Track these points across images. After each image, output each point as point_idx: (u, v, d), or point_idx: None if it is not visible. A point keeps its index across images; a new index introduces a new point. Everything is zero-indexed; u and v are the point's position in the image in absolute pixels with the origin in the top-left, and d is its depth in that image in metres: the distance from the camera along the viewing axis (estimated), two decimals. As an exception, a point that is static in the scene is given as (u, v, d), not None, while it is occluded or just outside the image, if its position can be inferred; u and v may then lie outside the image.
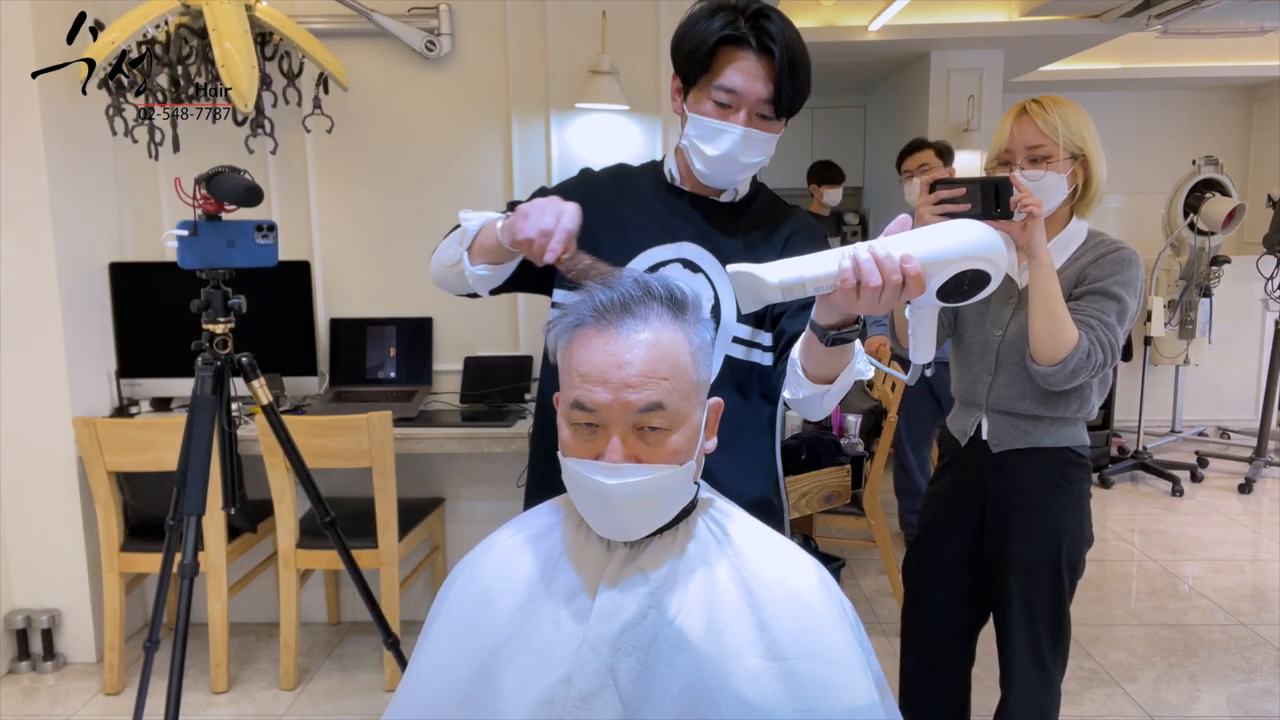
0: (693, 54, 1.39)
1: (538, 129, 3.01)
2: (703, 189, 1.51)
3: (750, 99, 1.37)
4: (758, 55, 1.35)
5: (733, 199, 1.53)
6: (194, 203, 2.00)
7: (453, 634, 1.06)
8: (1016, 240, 1.69)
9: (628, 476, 0.95)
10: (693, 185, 1.52)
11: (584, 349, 0.97)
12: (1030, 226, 1.66)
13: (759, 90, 1.36)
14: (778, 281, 1.07)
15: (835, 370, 1.24)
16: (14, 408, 2.76)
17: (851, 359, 1.24)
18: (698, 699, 0.95)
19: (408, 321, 3.04)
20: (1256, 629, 3.11)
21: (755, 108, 1.38)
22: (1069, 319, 1.68)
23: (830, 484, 3.00)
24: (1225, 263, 5.01)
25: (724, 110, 1.38)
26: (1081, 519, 1.84)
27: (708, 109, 1.40)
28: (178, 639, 1.98)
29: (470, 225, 1.44)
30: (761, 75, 1.36)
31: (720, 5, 1.38)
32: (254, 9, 2.60)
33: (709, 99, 1.39)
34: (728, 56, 1.37)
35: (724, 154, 1.41)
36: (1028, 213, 1.64)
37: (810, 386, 1.27)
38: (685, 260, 1.47)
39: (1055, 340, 1.66)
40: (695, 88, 1.41)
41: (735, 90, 1.37)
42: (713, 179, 1.47)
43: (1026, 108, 1.76)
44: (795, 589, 1.00)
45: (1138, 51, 5.70)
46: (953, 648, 2.02)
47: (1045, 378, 1.70)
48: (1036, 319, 1.68)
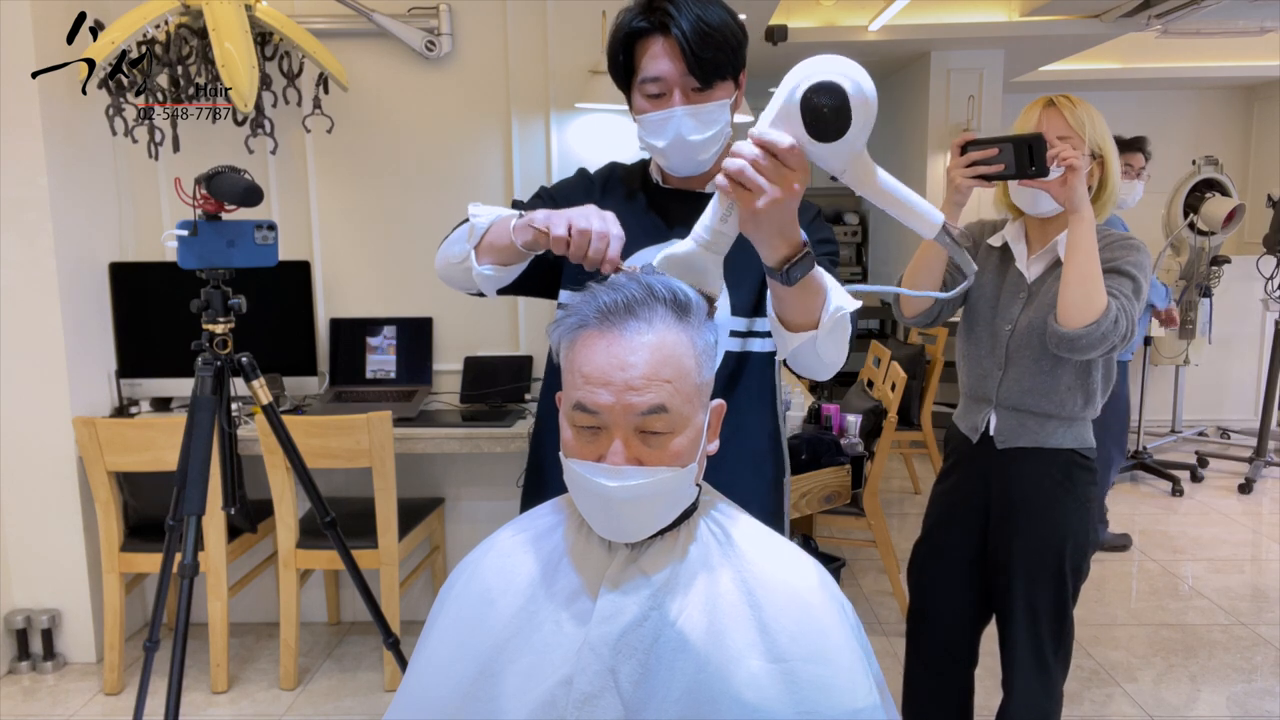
0: (614, 60, 1.43)
1: (538, 129, 3.01)
2: (687, 184, 1.51)
3: (674, 80, 1.38)
4: (665, 37, 1.37)
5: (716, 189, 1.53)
6: (194, 203, 2.00)
7: (454, 634, 1.06)
8: (1056, 197, 1.67)
9: (629, 479, 0.95)
10: (676, 182, 1.52)
11: (587, 350, 0.97)
12: (1071, 180, 1.63)
13: (678, 69, 1.37)
14: (694, 242, 1.05)
15: (813, 311, 1.18)
16: (14, 408, 2.76)
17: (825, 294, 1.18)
18: (699, 701, 0.95)
19: (408, 321, 3.04)
20: (1256, 629, 3.11)
21: (684, 85, 1.38)
22: (1102, 281, 1.65)
23: (830, 484, 3.00)
24: (1225, 263, 5.00)
25: (657, 100, 1.40)
26: (1085, 522, 1.84)
27: (644, 105, 1.42)
28: (178, 639, 1.97)
29: (479, 222, 1.39)
30: (675, 54, 1.37)
31: (627, 7, 1.41)
32: (254, 9, 2.60)
33: (642, 96, 1.42)
34: (642, 49, 1.39)
35: (672, 140, 1.41)
36: (1067, 166, 1.62)
37: (795, 337, 1.22)
38: None
39: (1089, 300, 1.63)
40: (631, 92, 1.44)
41: (658, 77, 1.38)
42: (679, 168, 1.47)
43: (1054, 101, 1.75)
44: (796, 591, 1.00)
45: (1138, 51, 5.70)
46: (956, 649, 2.02)
47: (1073, 341, 1.65)
48: (1072, 278, 1.64)
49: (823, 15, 4.89)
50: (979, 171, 1.67)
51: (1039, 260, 1.83)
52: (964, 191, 1.71)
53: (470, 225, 1.41)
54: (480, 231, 1.39)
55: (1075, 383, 1.78)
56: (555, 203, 1.52)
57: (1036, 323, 1.77)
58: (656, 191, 1.53)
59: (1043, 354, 1.78)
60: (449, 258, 1.46)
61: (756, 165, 0.97)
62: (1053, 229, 1.81)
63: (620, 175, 1.59)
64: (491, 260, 1.38)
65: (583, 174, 1.62)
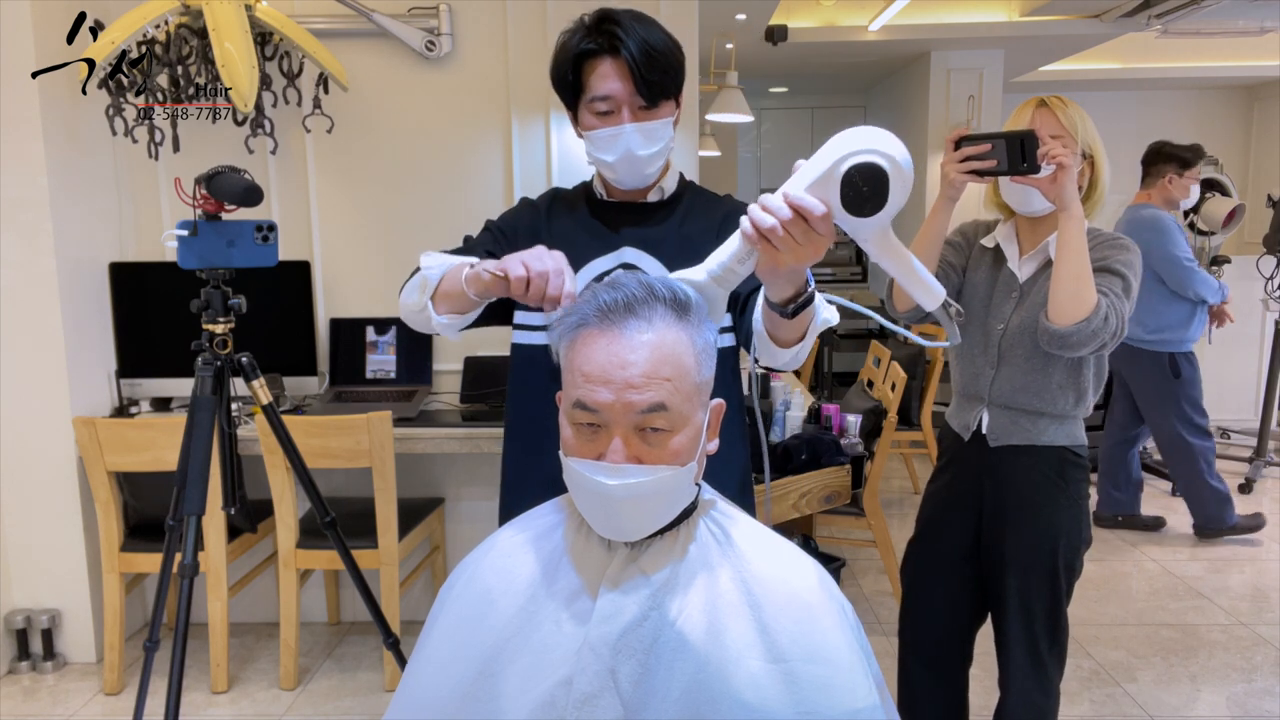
0: (562, 79, 1.50)
1: (538, 129, 3.01)
2: (630, 195, 1.58)
3: (623, 98, 1.45)
4: (613, 58, 1.44)
5: (660, 198, 1.59)
6: (194, 203, 2.00)
7: (454, 634, 1.06)
8: (1046, 194, 1.68)
9: (629, 477, 0.95)
10: (619, 195, 1.59)
11: (587, 349, 0.97)
12: (1060, 178, 1.64)
13: (627, 88, 1.44)
14: (706, 275, 1.08)
15: (802, 330, 1.25)
16: (14, 408, 2.76)
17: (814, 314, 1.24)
18: (698, 701, 0.95)
19: (408, 321, 3.04)
20: (1256, 629, 3.11)
21: (632, 104, 1.45)
22: (1092, 279, 1.66)
23: (830, 484, 2.99)
24: (1225, 263, 5.00)
25: (606, 117, 1.47)
26: (1079, 520, 1.84)
27: (593, 123, 1.49)
28: (178, 639, 1.97)
29: (431, 274, 1.44)
30: (624, 75, 1.44)
31: (573, 28, 1.48)
32: (254, 9, 2.60)
33: (591, 113, 1.48)
34: (590, 69, 1.46)
35: (622, 156, 1.48)
36: (1057, 164, 1.63)
37: (783, 352, 1.30)
38: (626, 264, 1.52)
39: (1079, 298, 1.64)
40: (579, 110, 1.51)
41: (608, 95, 1.45)
42: (627, 181, 1.54)
43: (1046, 101, 1.76)
44: (796, 591, 1.00)
45: (1138, 51, 5.71)
46: (951, 648, 2.02)
47: (1064, 338, 1.66)
48: (1062, 275, 1.65)
49: (823, 15, 4.89)
50: (972, 167, 1.68)
51: (1030, 261, 1.84)
52: (957, 186, 1.72)
53: (423, 277, 1.45)
54: (433, 284, 1.43)
55: (1067, 381, 1.79)
56: (503, 235, 1.61)
57: (1028, 322, 1.78)
58: (600, 205, 1.61)
59: (1034, 353, 1.79)
60: (408, 305, 1.50)
61: (786, 226, 0.98)
62: (1044, 230, 1.82)
63: (563, 196, 1.67)
64: (448, 309, 1.43)
65: (525, 201, 1.69)
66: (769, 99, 7.36)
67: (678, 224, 1.56)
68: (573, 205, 1.63)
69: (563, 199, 1.66)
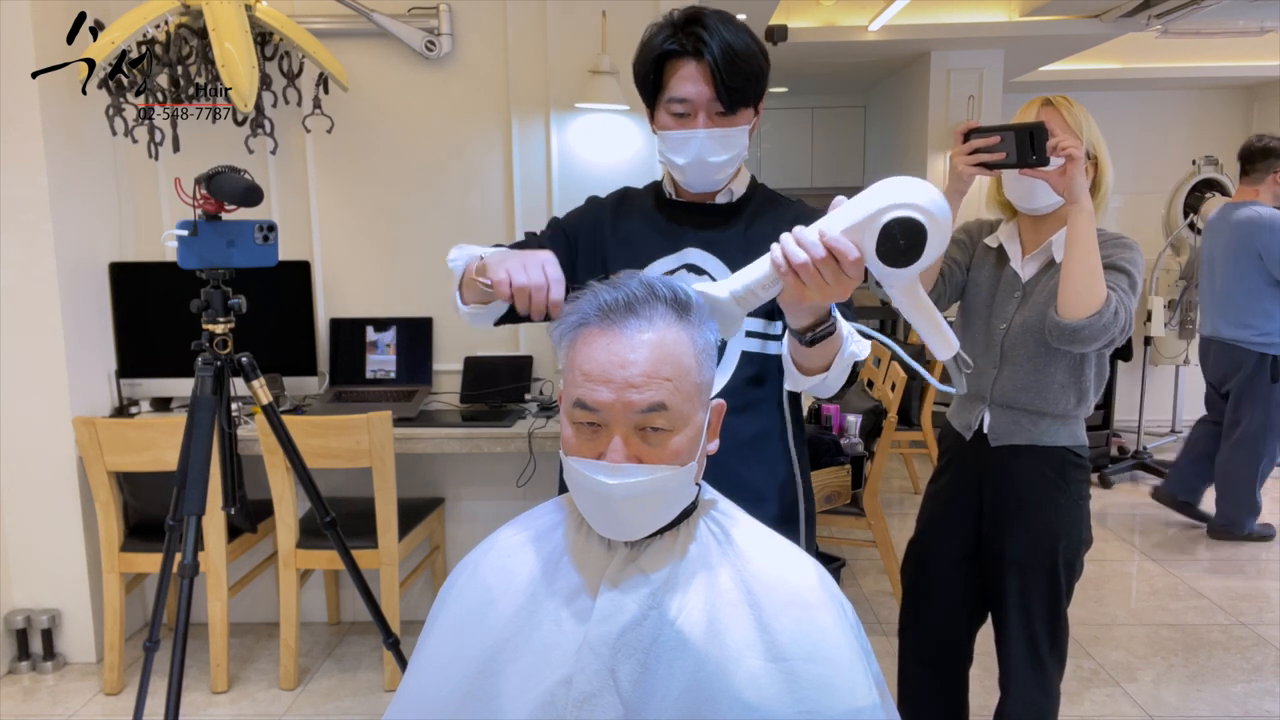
0: (644, 77, 1.49)
1: (538, 129, 3.01)
2: (699, 196, 1.56)
3: (701, 103, 1.44)
4: (697, 61, 1.43)
5: (729, 199, 1.57)
6: (194, 203, 2.00)
7: (454, 634, 1.06)
8: (1055, 187, 1.67)
9: (629, 476, 0.95)
10: (689, 195, 1.57)
11: (587, 348, 0.98)
12: (1070, 171, 1.63)
13: (706, 93, 1.43)
14: (729, 294, 1.08)
15: (827, 359, 1.26)
16: (14, 408, 2.76)
17: (841, 345, 1.25)
18: (698, 700, 0.95)
19: (408, 321, 3.04)
20: (1256, 629, 3.11)
21: (709, 109, 1.45)
22: (1102, 273, 1.65)
23: (830, 484, 3.00)
24: (1225, 262, 5.00)
25: (682, 120, 1.46)
26: (1079, 520, 1.84)
27: (669, 123, 1.48)
28: (178, 639, 1.97)
29: (454, 266, 1.45)
30: (705, 78, 1.43)
31: (659, 25, 1.47)
32: (254, 9, 2.60)
33: (667, 114, 1.47)
34: (672, 69, 1.45)
35: (693, 160, 1.47)
36: (1066, 156, 1.62)
37: (806, 380, 1.30)
38: (690, 265, 1.52)
39: (1090, 292, 1.63)
40: (656, 108, 1.50)
41: (685, 99, 1.44)
42: (695, 185, 1.53)
43: (1051, 100, 1.75)
44: (796, 590, 1.00)
45: (1138, 51, 5.70)
46: (951, 648, 2.02)
47: (1074, 333, 1.65)
48: (1073, 270, 1.64)
49: (823, 15, 4.89)
50: (981, 159, 1.68)
51: (1033, 260, 1.83)
52: (965, 179, 1.72)
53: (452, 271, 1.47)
54: (457, 275, 1.44)
55: (1068, 381, 1.79)
56: (565, 236, 1.60)
57: (1031, 321, 1.78)
58: (668, 204, 1.59)
59: (1037, 352, 1.79)
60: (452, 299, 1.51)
61: (818, 264, 0.99)
62: (1046, 229, 1.81)
63: (632, 195, 1.66)
64: (475, 299, 1.42)
65: (592, 200, 1.68)
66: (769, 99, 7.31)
67: (744, 227, 1.55)
68: (641, 204, 1.63)
69: (632, 197, 1.65)
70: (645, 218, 1.59)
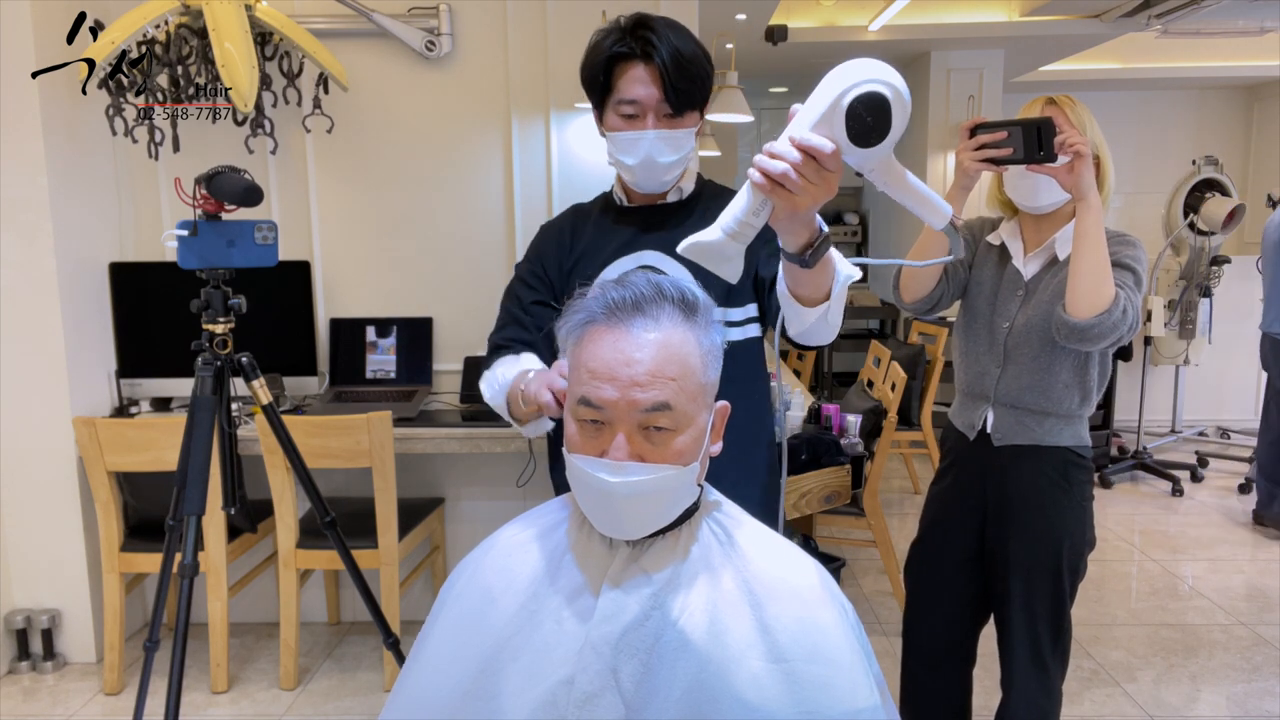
0: (593, 79, 1.54)
1: (538, 129, 3.01)
2: (649, 199, 1.61)
3: (650, 103, 1.49)
4: (646, 64, 1.48)
5: (679, 198, 1.62)
6: (194, 203, 2.00)
7: (454, 633, 1.06)
8: (1062, 183, 1.66)
9: (631, 475, 0.95)
10: (639, 199, 1.61)
11: (593, 346, 0.98)
12: (1077, 167, 1.62)
13: (655, 95, 1.48)
14: (722, 232, 1.06)
15: (826, 285, 1.25)
16: (14, 408, 2.76)
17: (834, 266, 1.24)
18: (700, 700, 0.95)
19: (408, 321, 3.04)
20: (1256, 629, 3.11)
21: (658, 110, 1.49)
22: (1111, 271, 1.64)
23: (830, 484, 3.00)
24: (1225, 263, 5.01)
25: (631, 120, 1.51)
26: (1082, 521, 1.84)
27: (618, 124, 1.52)
28: (178, 639, 1.97)
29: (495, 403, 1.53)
30: (654, 81, 1.48)
31: (607, 29, 1.51)
32: (254, 9, 2.60)
33: (616, 115, 1.52)
34: (620, 71, 1.50)
35: (642, 160, 1.51)
36: (1074, 152, 1.61)
37: (810, 312, 1.28)
38: (646, 266, 1.55)
39: (1098, 291, 1.62)
40: (605, 110, 1.54)
41: (635, 100, 1.49)
42: (645, 185, 1.57)
43: (1055, 99, 1.74)
44: (797, 591, 1.00)
45: (1138, 51, 5.71)
46: (954, 648, 2.02)
47: (1084, 331, 1.64)
48: (1081, 268, 1.63)
49: (823, 15, 4.89)
50: (987, 155, 1.67)
51: (1035, 259, 1.83)
52: (972, 175, 1.71)
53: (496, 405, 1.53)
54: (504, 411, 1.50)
55: (1072, 380, 1.79)
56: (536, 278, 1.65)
57: (1034, 320, 1.77)
58: (620, 211, 1.64)
59: (1040, 351, 1.78)
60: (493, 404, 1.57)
61: (798, 168, 0.98)
62: (1048, 228, 1.81)
63: (583, 210, 1.70)
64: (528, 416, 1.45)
65: (544, 229, 1.73)
66: (769, 99, 7.36)
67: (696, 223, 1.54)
68: (593, 217, 1.66)
69: (583, 213, 1.69)
70: (597, 227, 1.63)
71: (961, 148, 1.70)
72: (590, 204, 1.71)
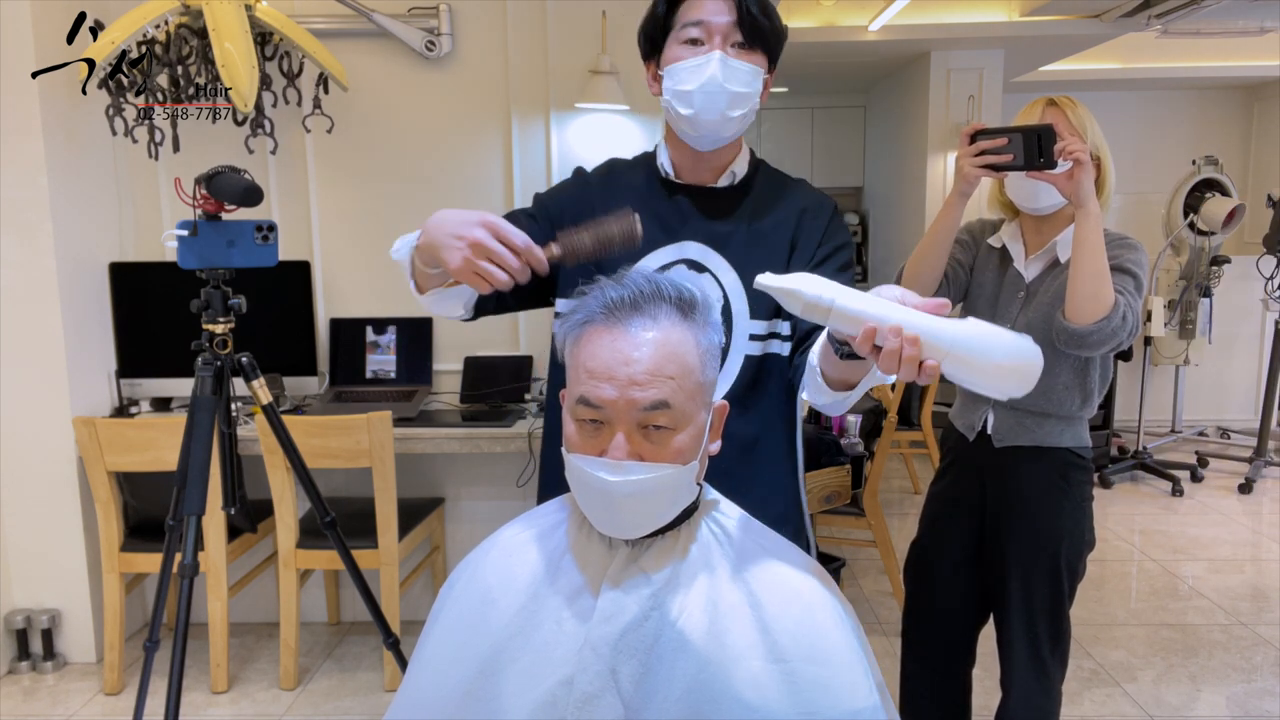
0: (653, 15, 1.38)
1: (538, 129, 3.01)
2: (698, 177, 1.45)
3: (719, 26, 1.33)
4: None
5: (731, 182, 1.45)
6: (194, 203, 1.99)
7: (454, 634, 1.06)
8: (1062, 191, 1.66)
9: (630, 474, 0.95)
10: (688, 176, 1.45)
11: (591, 345, 0.98)
12: (1077, 175, 1.62)
13: (727, 18, 1.33)
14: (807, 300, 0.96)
15: (856, 377, 1.19)
16: (14, 408, 2.76)
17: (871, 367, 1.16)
18: (699, 701, 0.95)
19: (408, 321, 3.04)
20: (1256, 629, 3.11)
21: (728, 35, 1.33)
22: (1110, 277, 1.64)
23: (830, 484, 3.00)
24: (1225, 263, 5.01)
25: (697, 46, 1.34)
26: (1082, 522, 1.84)
27: (680, 54, 1.35)
28: (178, 639, 1.97)
29: (399, 256, 1.35)
30: (727, 7, 1.33)
31: None
32: (254, 9, 2.60)
33: (678, 44, 1.35)
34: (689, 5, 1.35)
35: (704, 85, 1.32)
36: (1074, 160, 1.61)
37: (831, 394, 1.23)
38: (689, 260, 1.41)
39: (1098, 297, 1.62)
40: (666, 47, 1.38)
41: (702, 20, 1.33)
42: (702, 126, 1.37)
43: (1055, 100, 1.74)
44: (797, 591, 1.00)
45: (1138, 51, 5.70)
46: (953, 648, 2.02)
47: (1083, 338, 1.64)
48: (1081, 274, 1.63)
49: (823, 15, 4.89)
50: (987, 161, 1.66)
51: (1036, 261, 1.83)
52: (971, 181, 1.70)
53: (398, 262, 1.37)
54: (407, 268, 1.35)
55: (1073, 381, 1.79)
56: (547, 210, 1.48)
57: (1035, 322, 1.77)
58: (668, 185, 1.45)
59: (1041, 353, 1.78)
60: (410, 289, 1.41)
61: (903, 360, 0.92)
62: (1049, 230, 1.81)
63: (622, 168, 1.51)
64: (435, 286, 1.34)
65: (579, 173, 1.54)
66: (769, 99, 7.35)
67: (748, 217, 1.43)
68: (636, 183, 1.46)
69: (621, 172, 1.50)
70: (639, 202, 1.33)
71: (962, 154, 1.70)
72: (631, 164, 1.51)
